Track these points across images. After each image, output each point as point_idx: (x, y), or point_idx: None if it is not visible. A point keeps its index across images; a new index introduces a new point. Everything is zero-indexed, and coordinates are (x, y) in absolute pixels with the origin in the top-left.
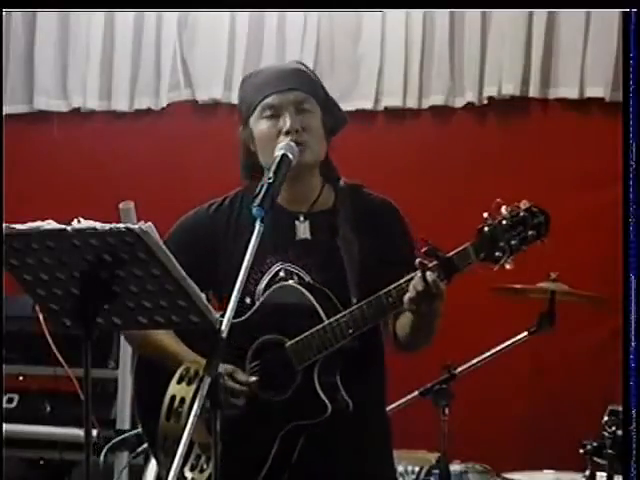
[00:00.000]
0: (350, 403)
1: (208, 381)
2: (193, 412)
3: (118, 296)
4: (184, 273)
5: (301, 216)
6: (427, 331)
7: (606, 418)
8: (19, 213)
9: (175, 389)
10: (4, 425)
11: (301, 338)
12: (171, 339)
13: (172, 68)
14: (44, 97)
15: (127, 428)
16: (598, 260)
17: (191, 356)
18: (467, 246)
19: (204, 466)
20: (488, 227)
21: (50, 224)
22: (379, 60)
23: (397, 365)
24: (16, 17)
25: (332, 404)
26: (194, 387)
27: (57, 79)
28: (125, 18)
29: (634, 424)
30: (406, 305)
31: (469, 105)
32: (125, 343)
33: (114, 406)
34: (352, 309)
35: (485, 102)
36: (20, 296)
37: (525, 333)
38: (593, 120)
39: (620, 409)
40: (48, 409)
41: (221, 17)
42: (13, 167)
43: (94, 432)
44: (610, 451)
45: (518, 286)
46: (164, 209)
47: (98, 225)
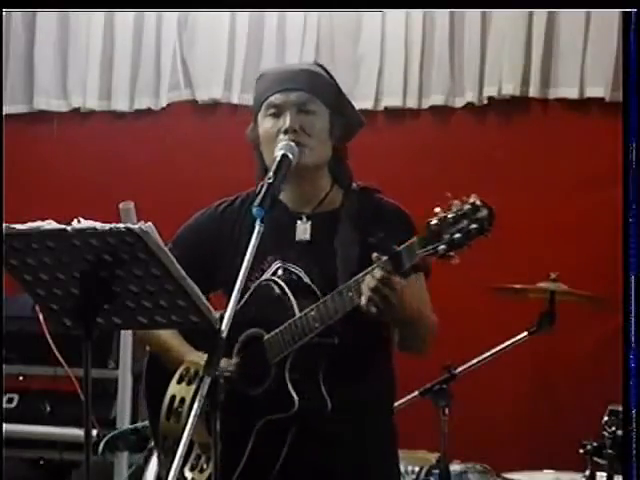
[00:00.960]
0: (328, 402)
1: (208, 381)
2: (193, 412)
3: (118, 296)
4: (184, 273)
5: (304, 217)
6: (412, 334)
7: (606, 418)
8: (19, 213)
9: (175, 389)
10: (4, 425)
11: (275, 332)
12: (172, 336)
13: (172, 68)
14: (44, 97)
15: (127, 428)
16: (598, 260)
17: (190, 354)
18: (414, 240)
19: (204, 466)
20: (435, 221)
21: (50, 224)
22: (379, 60)
23: (397, 365)
24: (16, 17)
25: (308, 401)
26: (194, 387)
27: (57, 79)
28: (125, 18)
29: (634, 424)
30: (363, 301)
31: (469, 105)
32: (125, 343)
33: (114, 406)
34: (318, 303)
35: (485, 102)
36: (20, 296)
37: (525, 333)
38: (593, 120)
39: (620, 409)
40: (48, 409)
41: (221, 17)
42: (13, 167)
43: (94, 432)
44: (610, 451)
45: (518, 286)
46: (164, 209)
47: (98, 225)
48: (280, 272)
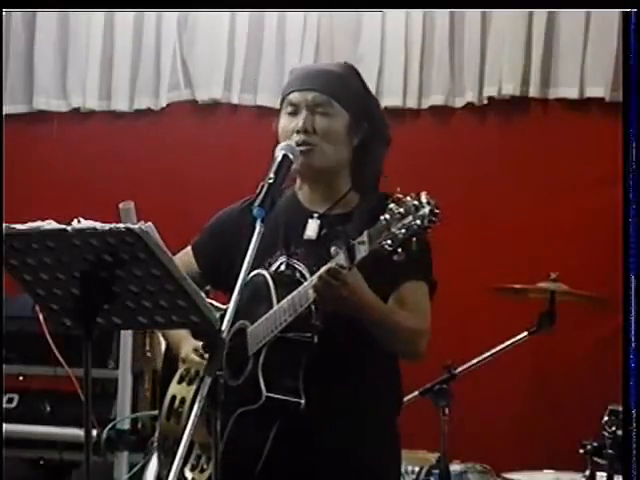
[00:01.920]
0: (303, 398)
1: (208, 381)
2: (193, 412)
3: (118, 296)
4: (184, 273)
5: (315, 215)
6: (380, 335)
7: (606, 418)
8: (19, 213)
9: (175, 389)
10: (4, 425)
11: (256, 325)
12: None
13: (172, 68)
14: (44, 97)
15: (127, 428)
16: (598, 260)
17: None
18: (366, 233)
19: (204, 466)
20: (386, 216)
21: (50, 224)
22: (379, 60)
23: None
24: (16, 17)
25: (282, 395)
26: (194, 387)
27: (57, 79)
28: (125, 18)
29: (634, 424)
30: (313, 291)
31: (469, 105)
32: (125, 343)
33: (114, 406)
34: (288, 297)
35: (485, 102)
36: (20, 296)
37: (525, 333)
38: (593, 120)
39: (620, 409)
40: (48, 409)
41: (221, 17)
42: (13, 167)
43: (94, 432)
44: (610, 451)
45: (518, 286)
46: (164, 209)
47: (98, 225)
48: (283, 267)
